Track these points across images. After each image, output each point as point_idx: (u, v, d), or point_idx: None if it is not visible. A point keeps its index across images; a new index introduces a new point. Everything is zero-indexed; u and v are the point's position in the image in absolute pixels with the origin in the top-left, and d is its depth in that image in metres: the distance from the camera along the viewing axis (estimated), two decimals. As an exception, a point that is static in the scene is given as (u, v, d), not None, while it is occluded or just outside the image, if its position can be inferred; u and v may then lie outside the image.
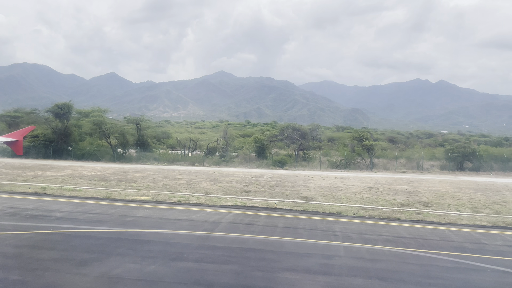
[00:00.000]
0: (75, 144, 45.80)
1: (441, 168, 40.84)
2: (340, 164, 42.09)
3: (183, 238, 14.94)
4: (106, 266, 11.44)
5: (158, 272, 11.14)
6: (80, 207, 20.10)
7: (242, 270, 11.54)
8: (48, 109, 46.83)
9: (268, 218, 19.36)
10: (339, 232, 16.91)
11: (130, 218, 18.11)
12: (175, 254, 12.86)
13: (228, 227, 17.12)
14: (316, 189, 28.48)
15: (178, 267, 11.60)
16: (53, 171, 33.66)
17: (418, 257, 13.52)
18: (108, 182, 29.18)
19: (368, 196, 26.38)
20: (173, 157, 45.02)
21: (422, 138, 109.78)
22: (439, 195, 26.74)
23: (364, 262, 12.80)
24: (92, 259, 12.02)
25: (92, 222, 17.08)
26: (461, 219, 20.54)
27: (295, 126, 50.09)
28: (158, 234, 15.41)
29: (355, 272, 11.68)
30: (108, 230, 15.65)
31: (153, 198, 23.74)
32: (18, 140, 30.30)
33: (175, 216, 19.12)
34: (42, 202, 21.25)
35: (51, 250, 12.83)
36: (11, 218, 17.21)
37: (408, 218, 20.49)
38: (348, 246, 14.60)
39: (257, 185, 29.44)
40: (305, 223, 18.36)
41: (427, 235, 16.95)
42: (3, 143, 27.71)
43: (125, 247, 13.42)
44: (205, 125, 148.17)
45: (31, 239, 14.00)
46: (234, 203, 22.79)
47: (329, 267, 12.06)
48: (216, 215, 19.57)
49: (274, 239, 15.19)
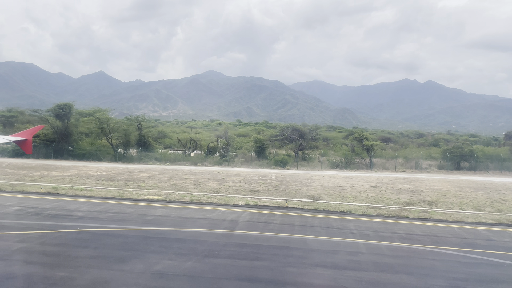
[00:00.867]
0: (76, 144, 45.83)
1: (439, 167, 41.84)
2: (340, 164, 42.84)
3: (208, 236, 15.43)
4: (145, 263, 11.89)
5: (196, 268, 11.62)
6: (97, 207, 20.45)
7: (275, 266, 12.07)
8: (49, 109, 46.80)
9: (283, 216, 19.91)
10: (355, 230, 17.53)
11: (150, 217, 18.53)
12: (206, 251, 13.34)
13: (248, 225, 17.64)
14: (321, 188, 29.10)
15: (214, 264, 12.08)
16: (58, 171, 33.81)
17: (436, 254, 14.18)
18: (116, 182, 29.48)
19: (373, 195, 27.08)
20: (174, 157, 45.34)
21: (413, 137, 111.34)
22: (441, 194, 27.55)
23: (387, 258, 13.42)
24: (129, 256, 12.45)
25: (115, 221, 17.47)
26: (467, 217, 21.30)
27: (295, 126, 50.82)
28: (183, 233, 15.86)
29: (381, 268, 12.29)
30: (133, 229, 16.06)
31: (165, 197, 24.15)
32: (27, 139, 30.55)
33: (192, 215, 19.57)
34: (58, 202, 21.53)
35: (85, 248, 13.22)
36: (34, 217, 17.52)
37: (416, 216, 21.21)
38: (367, 243, 15.21)
39: (263, 185, 29.98)
40: (320, 222, 18.95)
41: (438, 232, 17.66)
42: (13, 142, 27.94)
43: (156, 245, 13.86)
44: (196, 124, 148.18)
45: (62, 238, 14.37)
46: (246, 202, 23.30)
47: (356, 263, 12.65)
48: (231, 214, 20.06)
49: (295, 237, 15.74)
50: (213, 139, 52.36)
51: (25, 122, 72.95)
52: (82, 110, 51.19)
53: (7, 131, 63.30)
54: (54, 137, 45.45)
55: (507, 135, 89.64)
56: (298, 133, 48.34)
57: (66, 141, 45.67)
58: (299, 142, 47.37)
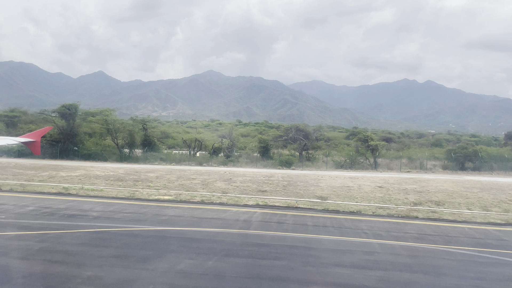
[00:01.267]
0: (81, 144, 46.01)
1: (443, 167, 42.10)
2: (345, 164, 43.08)
3: (224, 236, 15.63)
4: (167, 262, 12.09)
5: (218, 267, 11.82)
6: (111, 207, 20.63)
7: (295, 266, 12.27)
8: (55, 109, 46.93)
9: (294, 217, 20.10)
10: (367, 230, 17.73)
11: (164, 217, 18.72)
12: (225, 250, 13.54)
13: (261, 225, 17.84)
14: (329, 188, 29.32)
15: (235, 263, 12.29)
16: (66, 171, 33.98)
17: (451, 253, 14.40)
18: (125, 182, 29.67)
19: (380, 196, 27.30)
20: (179, 157, 45.55)
21: (413, 137, 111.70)
22: (448, 194, 27.78)
23: (403, 258, 13.63)
24: (151, 255, 12.65)
25: (130, 221, 17.66)
26: (475, 217, 21.50)
27: (299, 126, 51.05)
28: (199, 232, 16.05)
29: (399, 267, 12.50)
30: (149, 229, 16.26)
31: (176, 197, 24.33)
32: (36, 141, 30.80)
33: (205, 215, 19.76)
34: (71, 202, 21.71)
35: (106, 247, 13.41)
36: (50, 217, 17.70)
37: (426, 217, 21.40)
38: (381, 243, 15.42)
39: (271, 185, 30.19)
40: (332, 222, 19.15)
41: (450, 232, 17.87)
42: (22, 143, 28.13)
43: (175, 245, 14.06)
44: (197, 124, 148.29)
45: (81, 238, 14.56)
46: (256, 203, 23.49)
47: (374, 263, 12.85)
48: (244, 214, 20.26)
49: (310, 237, 15.94)
50: (216, 139, 52.55)
51: (28, 122, 73.21)
52: (88, 110, 51.22)
53: (10, 132, 63.54)
54: (60, 138, 45.62)
55: (507, 135, 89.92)
56: (302, 133, 48.61)
57: (72, 141, 45.85)
58: (304, 142, 47.63)
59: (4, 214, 17.90)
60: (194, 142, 49.25)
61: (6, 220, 16.77)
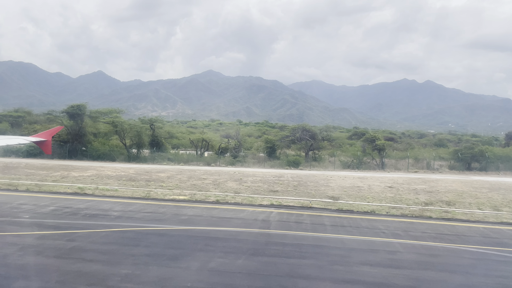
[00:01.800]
0: (89, 144, 46.26)
1: (450, 168, 42.45)
2: (352, 164, 43.40)
3: (247, 235, 15.91)
4: (198, 260, 12.38)
5: (248, 266, 12.11)
6: (129, 207, 20.90)
7: (323, 264, 12.57)
8: (63, 110, 47.15)
9: (311, 217, 20.38)
10: (385, 229, 18.03)
11: (184, 217, 18.99)
12: (251, 249, 13.83)
13: (280, 225, 18.13)
14: (339, 188, 29.61)
15: (263, 262, 12.57)
16: (77, 171, 34.23)
17: (471, 253, 14.71)
18: (138, 182, 29.93)
19: (391, 196, 27.59)
20: (187, 157, 45.82)
21: (414, 137, 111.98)
22: (458, 194, 28.08)
23: (426, 257, 13.93)
24: (180, 254, 12.94)
25: (152, 220, 17.94)
26: (487, 217, 21.81)
27: (305, 127, 51.36)
28: (221, 232, 16.34)
29: (424, 266, 12.80)
30: (173, 228, 16.54)
31: (191, 197, 24.60)
32: (47, 140, 31.12)
33: (223, 214, 20.04)
34: (90, 202, 21.98)
35: (135, 246, 13.69)
36: (73, 217, 17.98)
37: (439, 216, 21.71)
38: (401, 242, 15.71)
39: (281, 185, 30.46)
40: (348, 222, 19.44)
41: (465, 232, 18.18)
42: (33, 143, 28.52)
43: (201, 244, 14.35)
44: (197, 124, 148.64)
45: (109, 237, 14.83)
46: (270, 203, 23.77)
47: (398, 262, 13.15)
48: (260, 214, 20.54)
49: (331, 236, 16.23)
50: (219, 139, 52.84)
51: (33, 122, 73.48)
52: (97, 109, 51.39)
53: (15, 131, 63.81)
54: (68, 138, 45.85)
55: (508, 135, 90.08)
56: (309, 133, 48.91)
57: (80, 142, 46.09)
58: (310, 142, 47.93)
59: (28, 214, 18.16)
60: (201, 142, 49.52)
61: (31, 220, 17.04)
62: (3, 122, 68.94)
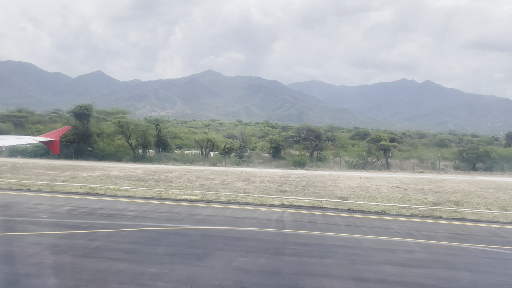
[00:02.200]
0: (96, 144, 46.44)
1: (455, 168, 42.74)
2: (357, 164, 43.64)
3: (264, 235, 16.11)
4: (222, 259, 12.57)
5: (271, 265, 12.31)
6: (143, 207, 21.09)
7: (344, 264, 12.78)
8: (70, 110, 47.31)
9: (323, 217, 20.57)
10: (398, 229, 18.23)
11: (199, 217, 19.19)
12: (271, 249, 14.03)
13: (295, 225, 18.33)
14: (347, 189, 29.82)
15: (286, 261, 12.77)
16: (86, 171, 34.40)
17: (486, 252, 14.93)
18: (147, 182, 30.12)
19: (399, 196, 27.81)
20: (193, 157, 46.01)
21: (414, 137, 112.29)
22: (465, 194, 28.32)
23: (443, 256, 14.14)
24: (203, 253, 13.14)
25: (168, 220, 18.14)
26: (497, 217, 22.03)
27: (310, 127, 51.61)
28: (238, 231, 16.53)
29: (443, 265, 13.01)
30: (190, 228, 16.73)
31: (202, 197, 24.79)
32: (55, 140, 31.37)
33: (237, 214, 20.23)
34: (103, 202, 22.16)
35: (157, 246, 13.88)
36: (91, 217, 18.17)
37: (449, 216, 21.92)
38: (417, 242, 15.92)
39: (290, 185, 30.68)
40: (361, 221, 19.65)
41: (478, 231, 18.40)
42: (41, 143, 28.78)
43: (221, 243, 14.55)
44: (197, 124, 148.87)
45: (129, 236, 15.01)
46: (281, 203, 23.97)
47: (417, 261, 13.35)
48: (273, 214, 20.74)
49: (347, 236, 16.44)
50: (224, 139, 53.04)
51: (36, 123, 73.67)
52: (103, 110, 51.56)
53: (18, 131, 64.02)
54: (74, 138, 46.03)
55: (508, 135, 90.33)
56: (314, 133, 49.15)
57: (86, 142, 46.26)
58: (315, 142, 48.17)
59: (45, 214, 18.35)
60: (206, 142, 49.72)
61: (50, 220, 17.22)
62: (6, 122, 69.17)
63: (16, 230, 15.26)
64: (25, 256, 12.15)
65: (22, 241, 13.84)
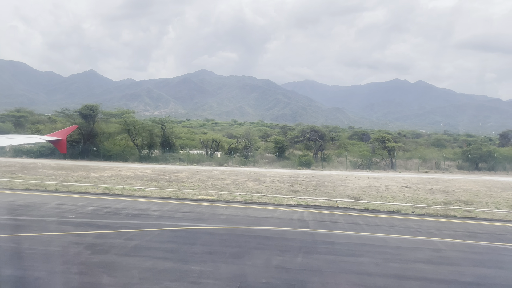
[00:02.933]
0: (101, 144, 46.50)
1: (458, 168, 43.41)
2: (362, 164, 44.17)
3: (292, 234, 16.46)
4: (259, 258, 12.91)
5: (309, 263, 12.67)
6: (165, 207, 21.34)
7: (379, 262, 13.16)
8: (77, 110, 47.29)
9: (342, 216, 20.97)
10: (418, 228, 18.68)
11: (222, 216, 19.49)
12: (304, 248, 14.38)
13: (318, 224, 18.70)
14: (357, 189, 30.27)
15: (322, 259, 13.13)
16: (96, 171, 34.52)
17: (509, 250, 15.42)
18: (159, 183, 30.33)
19: (409, 195, 28.29)
20: (198, 157, 46.23)
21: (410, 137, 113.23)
22: (473, 194, 28.89)
23: (470, 254, 14.60)
24: (240, 252, 13.47)
25: (194, 220, 18.42)
26: (508, 216, 22.55)
27: (314, 127, 52.12)
28: (266, 231, 16.86)
29: (472, 263, 13.46)
30: (218, 227, 17.04)
31: (218, 197, 25.08)
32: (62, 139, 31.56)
33: (257, 214, 20.54)
34: (124, 202, 22.38)
35: (193, 245, 14.18)
36: (117, 217, 18.40)
37: (463, 216, 22.41)
38: (441, 241, 16.36)
39: (300, 185, 31.07)
40: (381, 221, 20.07)
41: (495, 230, 18.89)
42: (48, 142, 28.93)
43: (253, 242, 14.88)
44: (192, 124, 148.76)
45: (163, 236, 15.29)
46: (297, 203, 24.33)
47: (447, 259, 13.78)
48: (293, 213, 21.10)
49: (372, 235, 16.83)
50: (229, 140, 53.29)
51: (35, 122, 73.43)
52: (109, 111, 51.66)
53: (18, 131, 63.85)
54: (79, 138, 46.06)
55: (502, 135, 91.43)
56: (318, 134, 49.64)
57: (92, 142, 46.30)
58: (320, 143, 48.66)
59: (72, 214, 18.55)
60: (211, 142, 49.96)
61: (78, 220, 17.43)
62: (6, 122, 68.94)
63: (51, 230, 15.47)
64: (70, 255, 12.41)
65: (61, 240, 14.08)
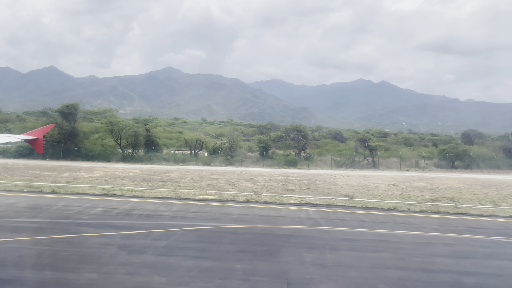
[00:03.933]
0: (82, 144, 45.51)
1: (436, 166, 45.42)
2: (345, 163, 45.39)
3: (309, 232, 16.98)
4: (291, 255, 13.35)
5: (340, 260, 13.24)
6: (172, 207, 21.41)
7: (402, 257, 13.87)
8: (56, 109, 46.02)
9: (346, 214, 21.72)
10: (421, 224, 19.64)
11: (233, 216, 19.81)
12: (327, 245, 14.93)
13: (328, 222, 19.33)
14: (348, 187, 31.24)
15: (349, 255, 13.72)
16: (84, 172, 33.93)
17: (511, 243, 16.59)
18: (153, 183, 30.24)
19: (398, 193, 29.50)
20: (183, 157, 46.10)
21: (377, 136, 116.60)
22: (457, 191, 30.45)
23: (479, 248, 15.58)
24: (270, 250, 13.87)
25: (208, 219, 18.67)
26: (495, 212, 23.95)
27: (298, 127, 52.97)
28: (282, 229, 17.32)
29: (484, 256, 14.43)
30: (235, 226, 17.36)
31: (219, 197, 25.35)
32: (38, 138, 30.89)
33: (266, 213, 20.96)
34: (129, 202, 22.27)
35: (221, 244, 14.47)
36: (131, 217, 18.38)
37: (455, 212, 23.68)
38: (447, 236, 17.33)
39: (294, 184, 31.74)
40: (384, 218, 20.93)
41: (490, 225, 20.11)
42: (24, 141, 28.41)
43: (276, 240, 15.33)
44: (160, 122, 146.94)
45: (187, 235, 15.47)
46: (298, 201, 24.92)
47: (462, 253, 14.66)
48: (298, 212, 21.65)
49: (384, 232, 17.62)
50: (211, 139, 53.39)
51: (4, 121, 70.81)
52: (90, 110, 50.49)
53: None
54: (60, 138, 44.91)
55: (464, 134, 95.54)
56: (301, 134, 50.54)
57: (72, 142, 45.23)
58: (303, 142, 49.58)
59: (84, 215, 18.36)
60: (195, 142, 49.88)
61: (94, 221, 17.31)
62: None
63: (73, 232, 15.33)
64: (109, 256, 12.44)
65: (90, 242, 14.03)
